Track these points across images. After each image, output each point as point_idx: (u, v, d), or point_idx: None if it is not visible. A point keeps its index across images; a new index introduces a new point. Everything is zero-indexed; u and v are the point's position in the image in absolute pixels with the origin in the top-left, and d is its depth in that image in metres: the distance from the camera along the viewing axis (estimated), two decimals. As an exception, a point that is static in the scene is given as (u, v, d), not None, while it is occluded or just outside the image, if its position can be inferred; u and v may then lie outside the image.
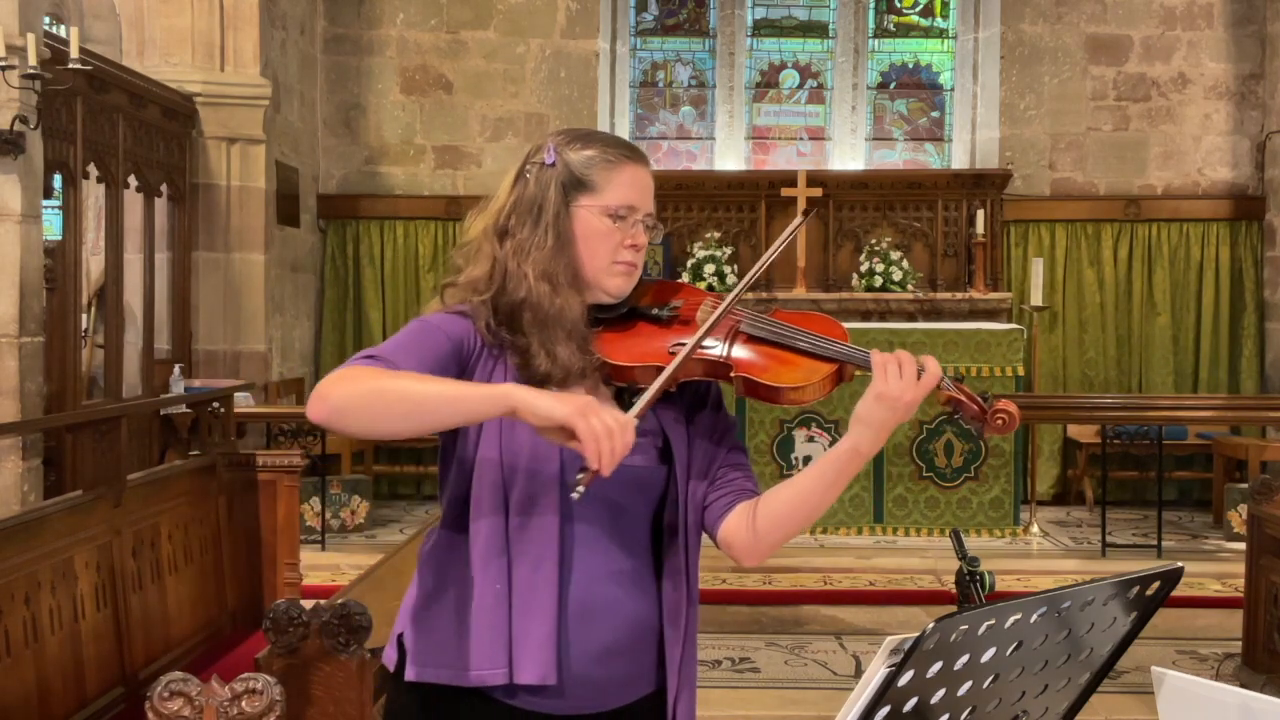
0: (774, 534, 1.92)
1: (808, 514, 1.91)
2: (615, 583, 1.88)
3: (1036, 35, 10.13)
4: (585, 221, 1.91)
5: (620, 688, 1.91)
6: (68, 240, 6.83)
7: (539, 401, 1.70)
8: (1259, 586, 5.16)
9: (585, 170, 1.92)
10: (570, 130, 2.00)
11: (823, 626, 6.21)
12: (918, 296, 9.69)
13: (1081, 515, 9.18)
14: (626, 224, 1.92)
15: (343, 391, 1.74)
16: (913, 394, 1.80)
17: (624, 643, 1.89)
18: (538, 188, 1.93)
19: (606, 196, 1.91)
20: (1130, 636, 1.55)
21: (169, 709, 2.35)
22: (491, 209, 1.97)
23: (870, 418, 1.82)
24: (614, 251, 1.92)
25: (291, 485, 5.05)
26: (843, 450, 1.85)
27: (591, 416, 1.68)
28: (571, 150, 1.94)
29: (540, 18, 10.12)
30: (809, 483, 1.89)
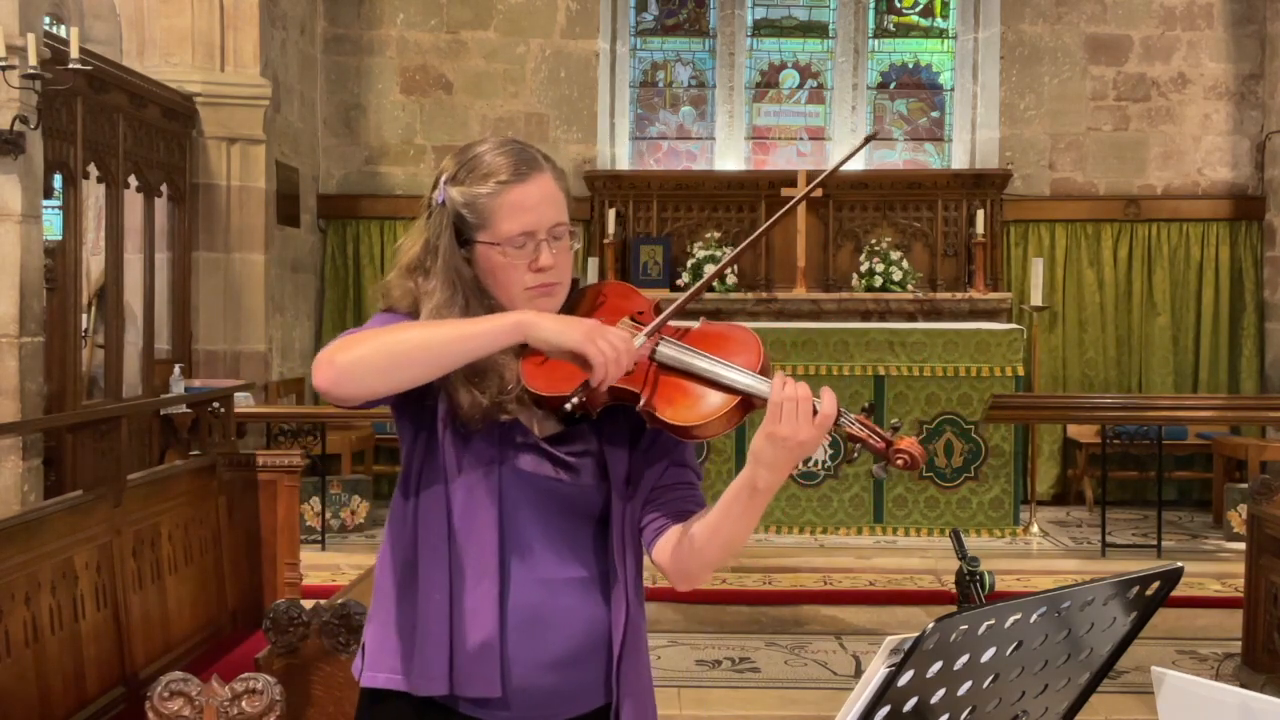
0: (693, 563, 1.86)
1: (723, 546, 1.84)
2: (562, 593, 1.86)
3: (1036, 35, 10.13)
4: (485, 257, 1.87)
5: (570, 699, 1.88)
6: (68, 240, 6.84)
7: (551, 328, 1.75)
8: (1259, 586, 5.16)
9: (471, 209, 1.87)
10: (460, 156, 1.92)
11: (823, 626, 6.21)
12: (918, 296, 9.69)
13: (1081, 515, 9.18)
14: (525, 251, 1.85)
15: (351, 353, 1.74)
16: (806, 434, 1.72)
17: (573, 653, 1.86)
18: (435, 230, 1.90)
19: (497, 230, 1.85)
20: (1130, 636, 1.55)
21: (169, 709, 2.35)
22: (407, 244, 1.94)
23: (763, 456, 1.75)
24: (521, 280, 1.86)
25: (291, 485, 5.05)
26: (741, 488, 1.78)
27: (601, 341, 1.73)
28: (457, 185, 1.88)
29: (540, 18, 10.12)
30: (716, 517, 1.82)
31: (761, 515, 1.83)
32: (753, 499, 1.78)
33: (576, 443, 1.89)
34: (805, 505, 8.18)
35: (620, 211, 9.85)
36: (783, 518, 8.18)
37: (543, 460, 1.87)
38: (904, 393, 8.18)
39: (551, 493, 1.87)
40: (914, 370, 8.19)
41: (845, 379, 8.19)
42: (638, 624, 1.91)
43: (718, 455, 8.03)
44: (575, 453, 1.89)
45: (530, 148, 1.93)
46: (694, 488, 1.94)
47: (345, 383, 1.75)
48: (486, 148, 1.92)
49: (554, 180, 1.91)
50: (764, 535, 8.10)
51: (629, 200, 9.93)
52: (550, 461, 1.87)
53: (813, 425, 1.72)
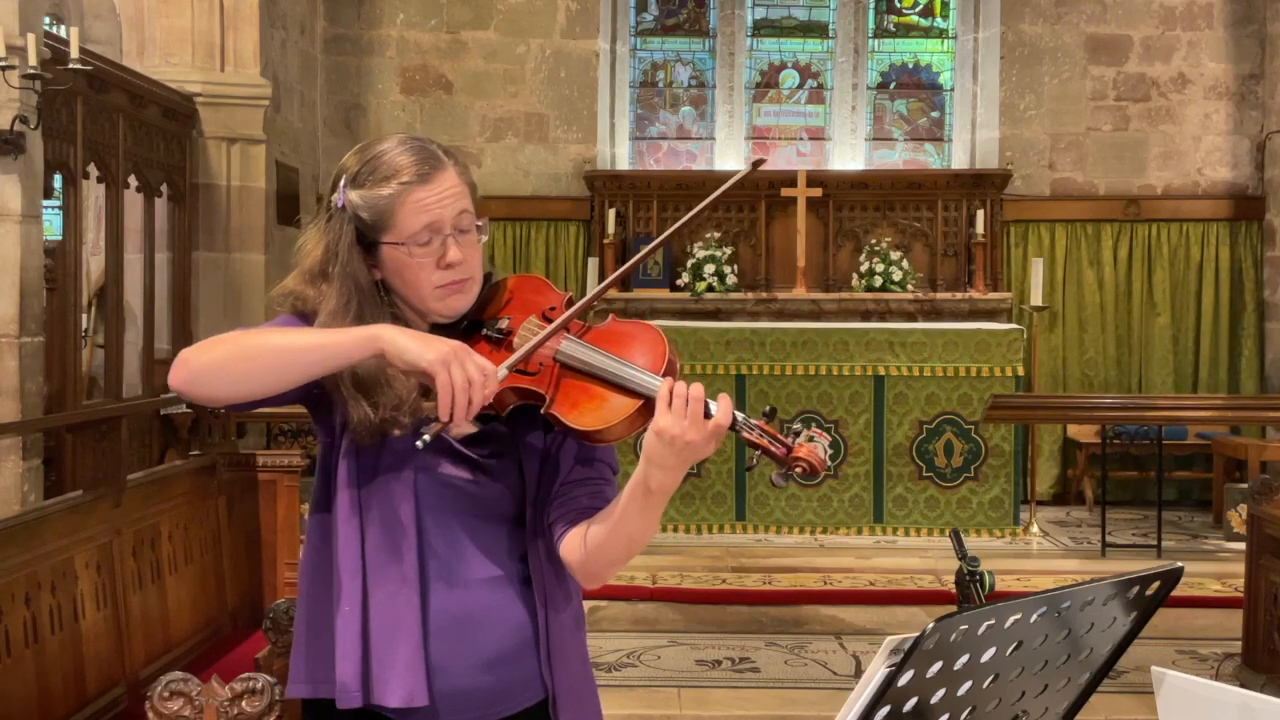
0: (594, 563, 1.82)
1: (622, 545, 1.80)
2: (487, 591, 1.83)
3: (1036, 35, 10.13)
4: (390, 257, 1.83)
5: (504, 698, 1.85)
6: (68, 240, 6.83)
7: (407, 345, 1.68)
8: (1259, 586, 5.16)
9: (372, 210, 1.82)
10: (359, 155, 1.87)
11: (823, 626, 6.21)
12: (918, 296, 9.69)
13: (1081, 515, 9.18)
14: (431, 248, 1.81)
15: (206, 356, 1.72)
16: (695, 434, 1.66)
17: (503, 651, 1.84)
18: (335, 233, 1.85)
19: (399, 231, 1.81)
20: (1130, 636, 1.55)
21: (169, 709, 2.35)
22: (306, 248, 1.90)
23: (652, 455, 1.69)
24: (430, 278, 1.83)
25: (291, 485, 5.05)
26: (636, 486, 1.73)
27: (454, 366, 1.66)
28: (356, 188, 1.83)
29: (540, 18, 10.12)
30: (616, 517, 1.78)
31: (661, 513, 1.78)
32: (648, 498, 1.73)
33: (492, 443, 1.86)
34: (805, 505, 8.18)
35: (620, 211, 9.85)
36: (783, 518, 8.18)
37: (459, 463, 1.83)
38: (904, 393, 8.18)
39: (468, 495, 1.84)
40: (914, 370, 8.19)
41: (845, 379, 8.19)
42: (559, 623, 1.87)
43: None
44: (491, 454, 1.86)
45: (431, 143, 1.88)
46: (604, 483, 1.88)
47: (197, 385, 1.72)
48: (387, 146, 1.86)
49: (458, 175, 1.86)
50: (764, 535, 8.10)
51: (629, 200, 9.93)
52: (466, 464, 1.84)
53: (703, 426, 1.67)
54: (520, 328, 1.85)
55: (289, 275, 1.91)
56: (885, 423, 8.13)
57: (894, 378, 8.19)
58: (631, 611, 6.31)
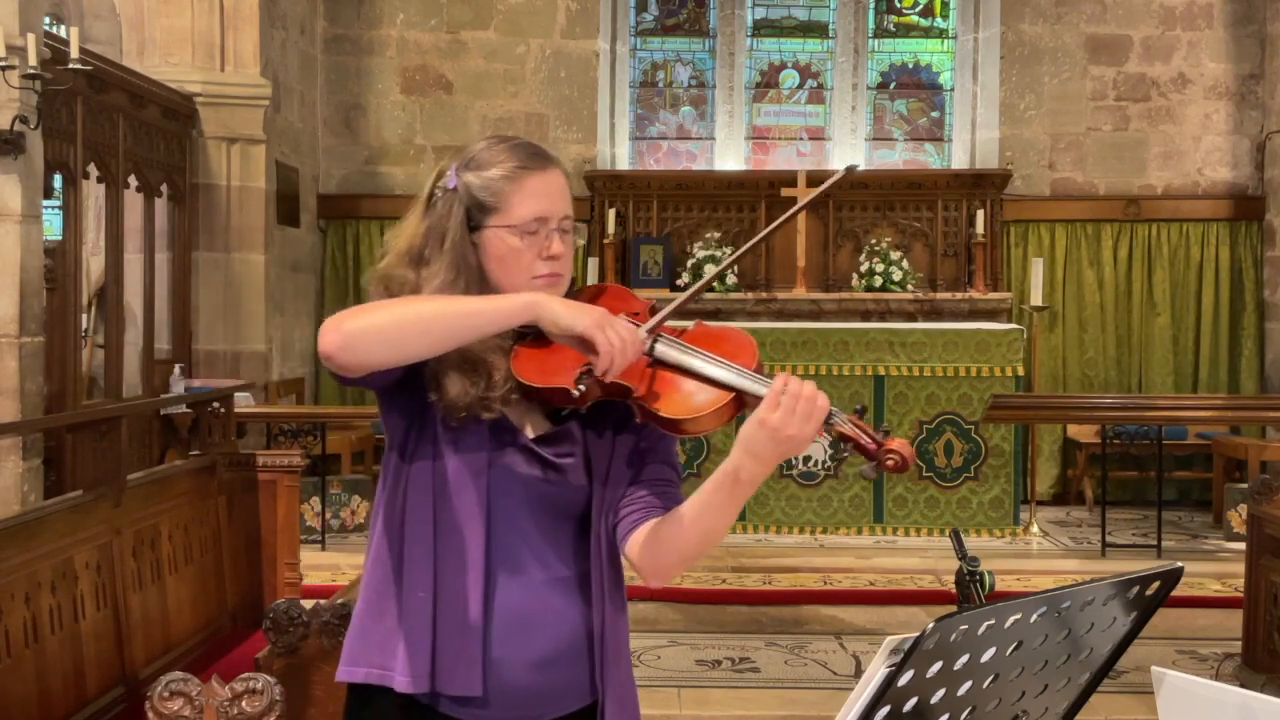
0: (667, 556, 1.85)
1: (700, 538, 1.82)
2: (548, 592, 1.86)
3: (1036, 35, 10.13)
4: (495, 242, 1.87)
5: (555, 698, 1.88)
6: (68, 240, 6.84)
7: (562, 312, 1.75)
8: (1259, 586, 5.16)
9: (486, 191, 1.87)
10: (468, 149, 1.94)
11: (823, 626, 6.21)
12: (918, 296, 9.69)
13: (1081, 515, 9.18)
14: (538, 237, 1.87)
15: (360, 320, 1.74)
16: (796, 429, 1.71)
17: (558, 653, 1.87)
18: (442, 214, 1.89)
19: (512, 214, 1.87)
20: (1130, 636, 1.56)
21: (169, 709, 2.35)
22: (405, 233, 1.92)
23: (750, 443, 1.73)
24: (530, 267, 1.87)
25: (291, 485, 5.05)
26: (724, 475, 1.77)
27: (609, 328, 1.74)
28: (471, 170, 1.89)
29: (540, 18, 10.12)
30: (697, 509, 1.81)
31: (739, 510, 1.81)
32: (735, 489, 1.76)
33: (564, 443, 1.89)
34: (805, 505, 8.18)
35: (620, 211, 9.85)
36: (783, 518, 8.18)
37: (532, 461, 1.87)
38: (904, 393, 8.18)
39: (539, 494, 1.87)
40: (914, 370, 8.19)
41: (845, 379, 8.19)
42: (615, 624, 1.91)
43: (718, 455, 8.02)
44: (563, 453, 1.89)
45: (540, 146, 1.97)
46: (672, 485, 1.92)
47: (351, 349, 1.73)
48: (495, 140, 1.94)
49: (563, 176, 1.93)
50: (764, 535, 8.10)
51: (629, 200, 9.93)
52: (539, 463, 1.87)
53: (806, 420, 1.72)
54: None
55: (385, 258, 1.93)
56: (885, 423, 8.13)
57: (894, 378, 8.19)
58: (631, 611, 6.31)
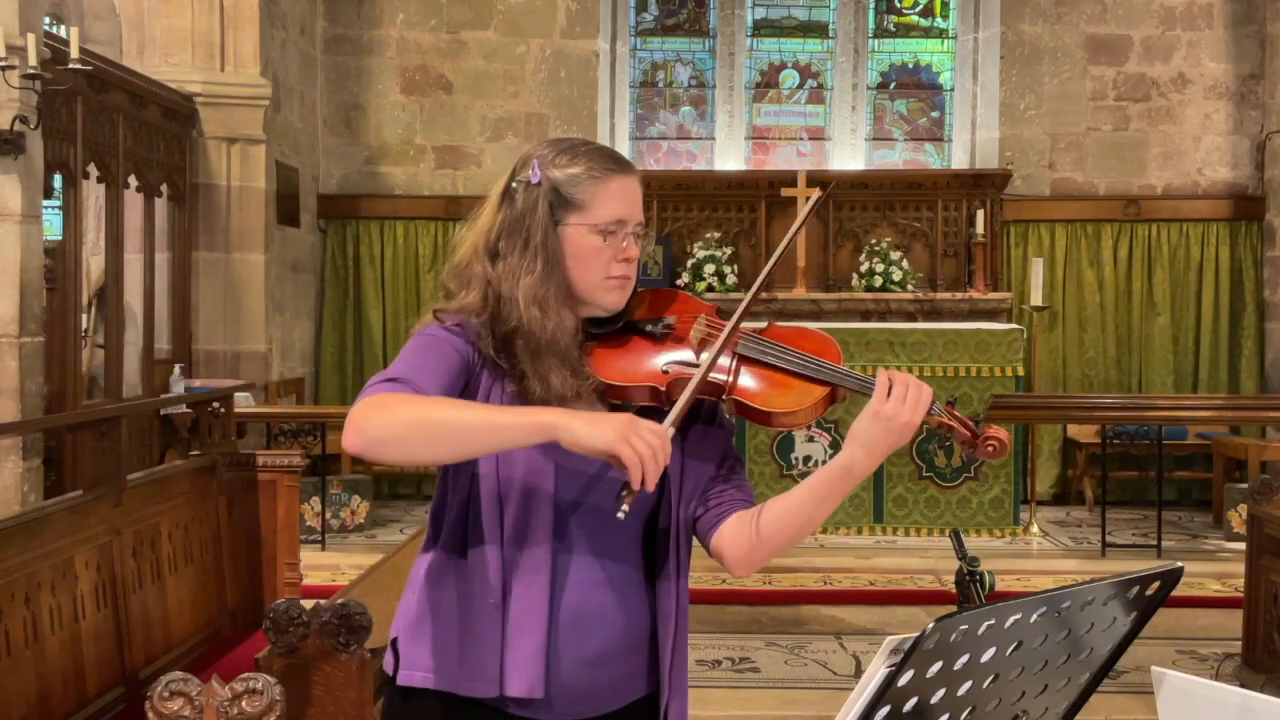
0: (766, 546, 1.91)
1: (799, 528, 1.90)
2: (607, 590, 1.88)
3: (1036, 35, 10.13)
4: (575, 239, 1.89)
5: (612, 693, 1.91)
6: (68, 240, 6.84)
7: (581, 430, 1.70)
8: (1259, 586, 5.16)
9: (571, 188, 1.89)
10: (555, 143, 1.96)
11: (823, 626, 6.21)
12: (918, 296, 9.69)
13: (1081, 515, 9.18)
14: (617, 238, 1.89)
15: (380, 422, 1.72)
16: (909, 416, 1.79)
17: (616, 649, 1.89)
18: (525, 208, 1.89)
19: (595, 214, 1.89)
20: (1130, 636, 1.56)
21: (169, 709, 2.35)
22: (480, 228, 1.93)
23: (864, 436, 1.81)
24: (606, 267, 1.89)
25: (291, 485, 5.04)
26: (835, 468, 1.84)
27: (634, 438, 1.69)
28: (556, 167, 1.90)
29: (540, 18, 10.12)
30: (800, 499, 1.88)
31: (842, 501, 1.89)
32: (843, 481, 1.84)
33: None
34: (805, 505, 8.17)
35: (620, 211, 9.83)
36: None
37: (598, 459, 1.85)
38: (904, 393, 8.16)
39: (606, 490, 1.88)
40: (914, 370, 8.18)
41: (845, 379, 8.18)
42: (680, 617, 1.94)
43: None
44: None
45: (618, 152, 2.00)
46: (746, 483, 1.99)
47: (372, 453, 1.75)
48: (580, 142, 1.97)
49: (639, 184, 1.96)
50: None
51: (629, 200, 9.91)
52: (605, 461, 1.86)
53: (915, 408, 1.79)
54: (692, 325, 1.94)
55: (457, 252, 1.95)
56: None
57: (894, 378, 8.18)
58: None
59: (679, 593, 1.94)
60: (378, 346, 10.02)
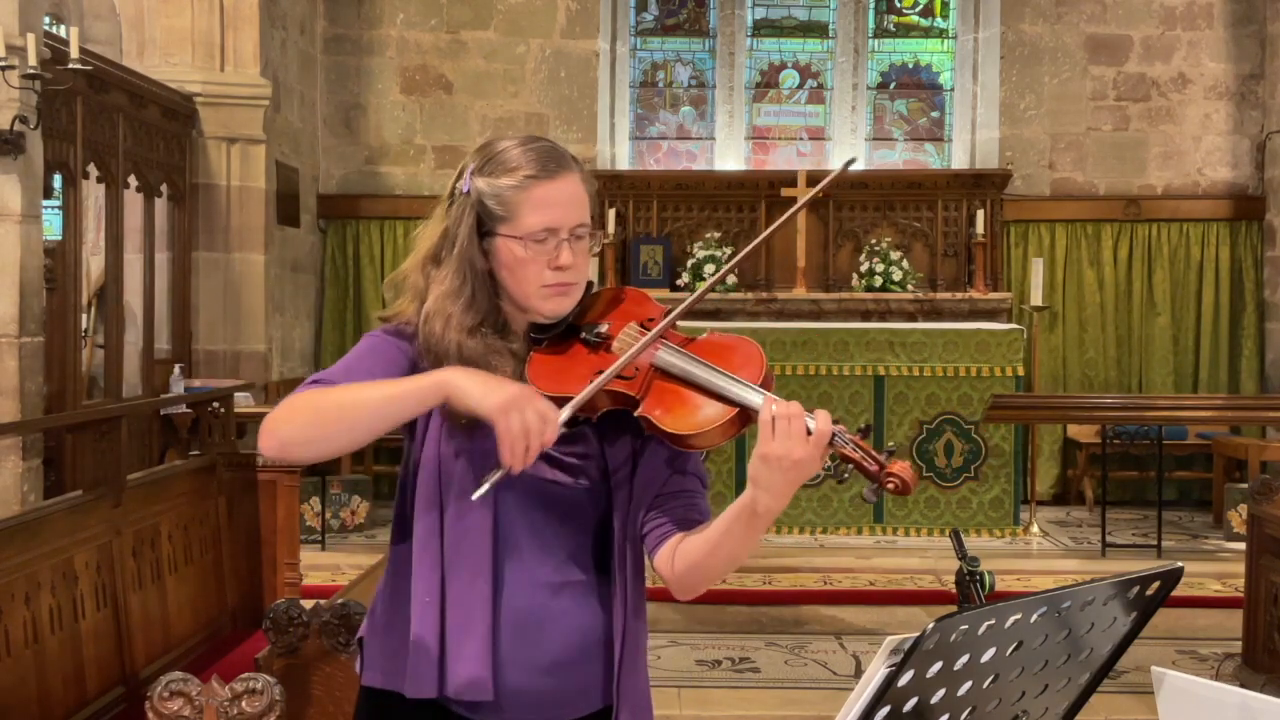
0: (691, 577, 1.84)
1: (721, 563, 1.82)
2: (554, 594, 1.85)
3: (1036, 35, 10.13)
4: (504, 250, 1.86)
5: (565, 703, 1.88)
6: (68, 240, 6.84)
7: (474, 390, 1.71)
8: (1259, 586, 5.16)
9: (495, 200, 1.86)
10: (488, 148, 1.91)
11: (823, 626, 6.21)
12: (918, 296, 9.69)
13: (1081, 515, 9.18)
14: (546, 247, 1.85)
15: (285, 422, 1.75)
16: (800, 452, 1.67)
17: (569, 656, 1.86)
18: (456, 218, 1.88)
19: (520, 224, 1.85)
20: (1130, 636, 1.56)
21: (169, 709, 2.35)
22: (427, 234, 1.92)
23: (759, 479, 1.71)
24: (539, 276, 1.86)
25: (291, 485, 5.04)
26: (741, 508, 1.75)
27: (514, 413, 1.68)
28: (483, 176, 1.87)
29: (540, 18, 10.12)
30: (716, 535, 1.80)
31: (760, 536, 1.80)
32: (753, 521, 1.75)
33: (577, 444, 1.87)
34: (805, 505, 8.18)
35: (620, 211, 9.85)
36: (783, 518, 8.17)
37: (539, 462, 1.84)
38: (904, 393, 8.18)
39: (548, 495, 1.86)
40: (914, 370, 8.18)
41: (845, 379, 8.19)
42: (635, 630, 1.90)
43: (718, 455, 8.02)
44: (575, 454, 1.87)
45: (560, 147, 1.93)
46: (697, 495, 1.91)
47: (289, 453, 1.78)
48: (516, 143, 1.91)
49: (581, 181, 1.90)
50: (764, 535, 8.09)
51: (629, 200, 9.93)
52: (547, 463, 1.85)
53: (807, 443, 1.68)
54: (620, 334, 1.89)
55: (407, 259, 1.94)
56: (885, 423, 8.13)
57: (894, 378, 8.19)
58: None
59: (627, 604, 1.88)
60: (378, 346, 10.01)
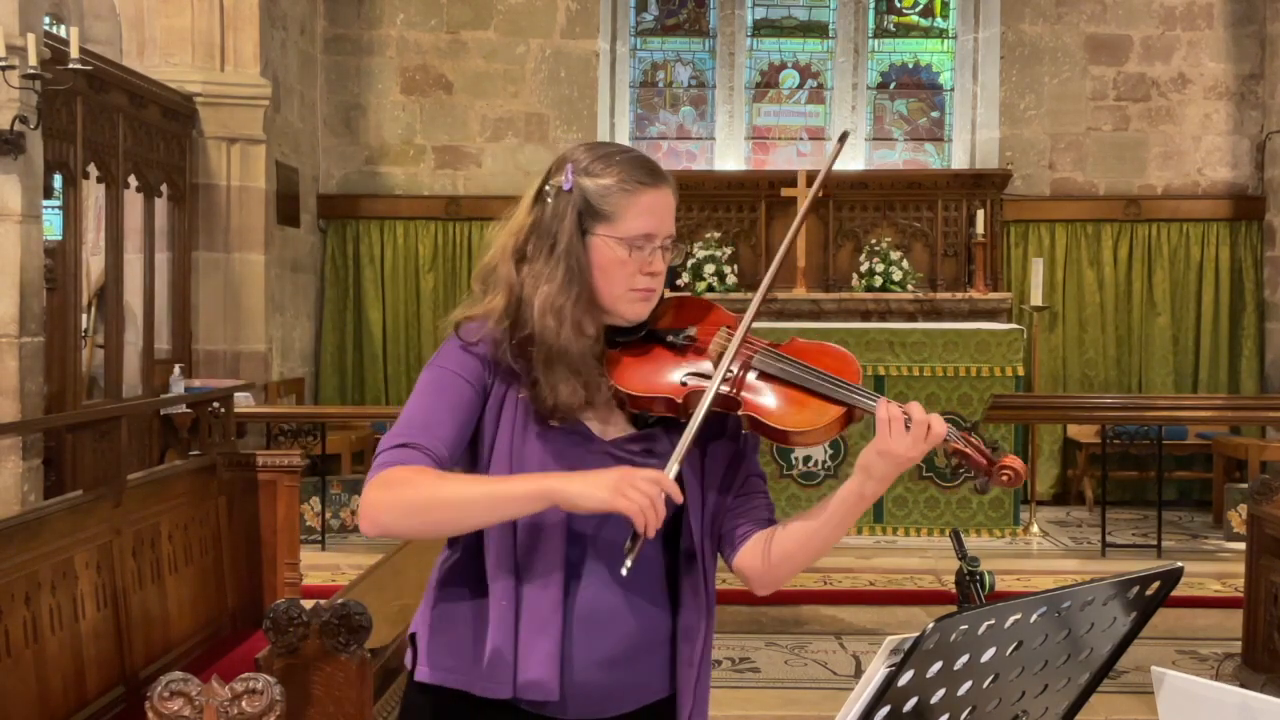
0: (783, 568, 1.94)
1: (815, 551, 1.93)
2: (621, 590, 1.88)
3: (1036, 35, 10.13)
4: (602, 250, 1.89)
5: (627, 694, 1.91)
6: (68, 240, 6.84)
7: (577, 491, 1.73)
8: (1259, 586, 5.16)
9: (601, 199, 1.89)
10: (592, 148, 1.95)
11: (823, 626, 6.21)
12: (918, 296, 9.69)
13: (1081, 515, 9.18)
14: (643, 252, 1.90)
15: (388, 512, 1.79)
16: (916, 451, 1.80)
17: (631, 649, 1.89)
18: (554, 214, 1.90)
19: (623, 226, 1.88)
20: (1130, 636, 1.56)
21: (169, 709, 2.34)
22: (511, 228, 1.94)
23: (872, 469, 1.83)
24: (630, 279, 1.90)
25: (291, 485, 5.04)
26: (849, 496, 1.86)
27: (630, 491, 1.71)
28: (589, 176, 1.90)
29: (540, 18, 10.12)
30: (817, 523, 1.91)
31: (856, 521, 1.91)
32: (859, 505, 1.86)
33: (648, 444, 1.91)
34: (805, 505, 8.14)
35: (620, 211, 9.83)
36: (782, 518, 8.16)
37: (610, 460, 1.88)
38: (904, 393, 8.17)
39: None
40: (914, 370, 8.18)
41: (845, 379, 8.18)
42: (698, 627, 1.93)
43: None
44: (642, 453, 1.90)
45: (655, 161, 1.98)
46: (768, 496, 2.01)
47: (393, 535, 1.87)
48: (616, 149, 1.95)
49: (673, 195, 1.95)
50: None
51: (629, 200, 9.91)
52: (614, 461, 1.88)
53: (924, 442, 1.79)
54: (713, 337, 1.94)
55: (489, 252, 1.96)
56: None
57: (894, 378, 8.19)
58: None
59: (707, 604, 1.94)
60: (378, 346, 10.02)
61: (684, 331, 1.95)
